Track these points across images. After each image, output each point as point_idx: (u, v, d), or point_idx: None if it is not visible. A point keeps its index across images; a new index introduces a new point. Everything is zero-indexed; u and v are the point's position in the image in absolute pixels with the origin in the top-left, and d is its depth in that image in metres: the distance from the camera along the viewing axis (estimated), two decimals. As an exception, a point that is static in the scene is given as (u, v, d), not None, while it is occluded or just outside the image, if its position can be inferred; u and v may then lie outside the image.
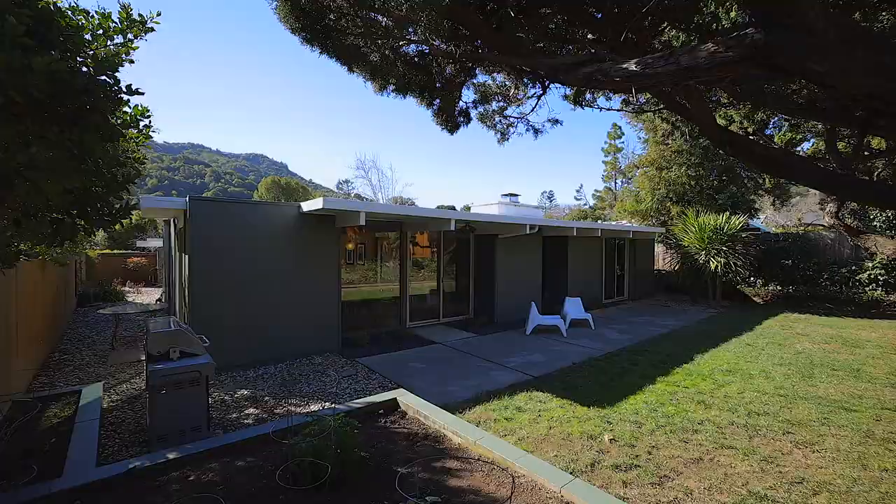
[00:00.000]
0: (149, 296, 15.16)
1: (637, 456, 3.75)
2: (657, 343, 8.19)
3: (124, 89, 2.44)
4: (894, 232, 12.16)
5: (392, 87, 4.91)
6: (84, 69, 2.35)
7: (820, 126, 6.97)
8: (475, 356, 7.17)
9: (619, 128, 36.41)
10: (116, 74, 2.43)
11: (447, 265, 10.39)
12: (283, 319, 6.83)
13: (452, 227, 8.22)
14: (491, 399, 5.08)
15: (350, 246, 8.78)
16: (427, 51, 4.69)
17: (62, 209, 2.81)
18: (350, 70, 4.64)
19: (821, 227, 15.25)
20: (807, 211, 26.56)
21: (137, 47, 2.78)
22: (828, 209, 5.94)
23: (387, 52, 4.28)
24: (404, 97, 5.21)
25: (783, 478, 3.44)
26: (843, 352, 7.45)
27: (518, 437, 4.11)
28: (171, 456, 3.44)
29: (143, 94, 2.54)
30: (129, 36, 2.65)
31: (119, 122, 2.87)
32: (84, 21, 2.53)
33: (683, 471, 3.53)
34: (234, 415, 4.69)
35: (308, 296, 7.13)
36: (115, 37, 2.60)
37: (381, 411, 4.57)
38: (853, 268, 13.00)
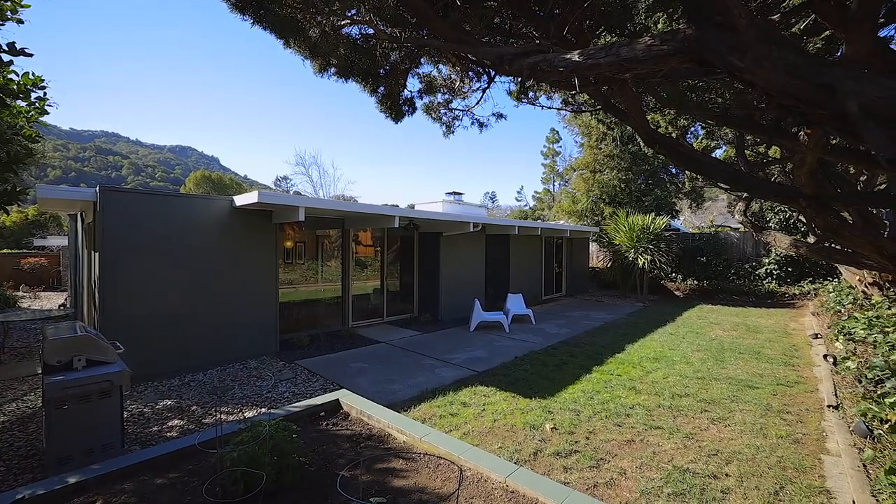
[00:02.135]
0: (50, 301, 13.35)
1: (576, 442, 3.92)
2: (592, 335, 8.67)
3: (4, 47, 2.04)
4: (786, 231, 14.04)
5: (333, 68, 4.68)
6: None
7: (730, 135, 7.82)
8: (420, 354, 7.11)
9: (557, 132, 38.19)
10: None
11: (391, 263, 10.23)
12: (213, 322, 6.29)
13: (396, 224, 8.10)
14: (436, 396, 5.06)
15: (289, 244, 8.34)
16: (371, 33, 4.53)
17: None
18: (287, 45, 4.32)
19: (728, 228, 17.22)
20: (717, 214, 30.07)
21: (29, 5, 2.37)
22: (737, 208, 6.69)
23: (327, 29, 4.06)
24: (346, 81, 4.98)
25: (701, 451, 3.77)
26: (747, 337, 8.39)
27: (463, 431, 4.12)
28: (72, 480, 2.99)
29: (31, 55, 2.15)
30: (16, -11, 2.24)
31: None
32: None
33: (618, 452, 3.74)
34: (156, 428, 4.23)
35: (242, 296, 6.65)
36: (-4, -12, 2.19)
37: (323, 413, 4.35)
38: (754, 264, 14.81)
